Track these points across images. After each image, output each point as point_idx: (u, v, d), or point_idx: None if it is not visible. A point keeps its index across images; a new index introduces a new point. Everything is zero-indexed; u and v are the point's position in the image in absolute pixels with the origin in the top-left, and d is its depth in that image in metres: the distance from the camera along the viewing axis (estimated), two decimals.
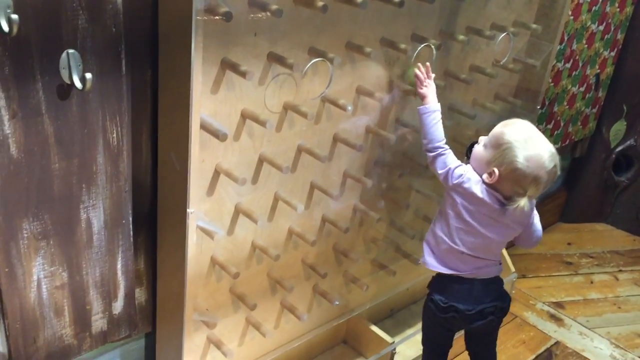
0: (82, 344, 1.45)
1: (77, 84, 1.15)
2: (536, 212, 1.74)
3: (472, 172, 1.66)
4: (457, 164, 1.68)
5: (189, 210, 1.41)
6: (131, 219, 1.41)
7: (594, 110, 3.02)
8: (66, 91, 1.18)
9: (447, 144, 1.70)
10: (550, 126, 2.76)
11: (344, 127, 1.74)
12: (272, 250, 1.66)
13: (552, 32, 2.20)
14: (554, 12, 2.19)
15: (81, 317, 1.42)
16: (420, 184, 2.08)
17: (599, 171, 3.27)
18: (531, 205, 1.63)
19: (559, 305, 2.76)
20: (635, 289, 2.93)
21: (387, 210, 2.07)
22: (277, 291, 1.83)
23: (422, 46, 1.76)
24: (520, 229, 1.70)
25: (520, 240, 1.76)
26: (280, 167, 1.53)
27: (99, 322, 1.46)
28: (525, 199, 1.57)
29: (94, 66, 1.19)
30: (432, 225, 1.77)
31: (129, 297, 1.49)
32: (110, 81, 1.23)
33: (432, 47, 1.77)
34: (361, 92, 1.72)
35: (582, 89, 2.82)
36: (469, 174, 1.65)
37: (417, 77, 1.75)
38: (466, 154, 1.73)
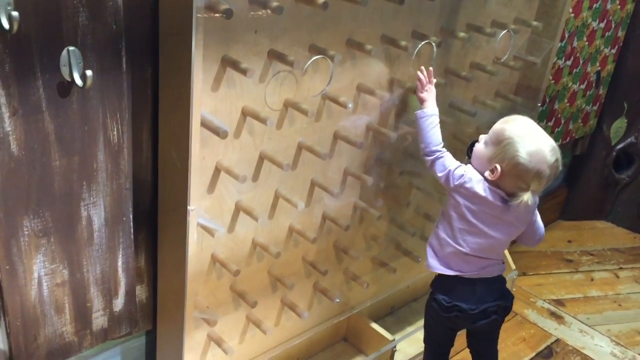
0: (82, 342, 1.45)
1: (78, 81, 1.15)
2: (537, 211, 1.74)
3: (473, 172, 1.65)
4: (457, 164, 1.67)
5: (189, 207, 1.41)
6: (132, 217, 1.41)
7: (595, 107, 3.01)
8: (67, 88, 1.18)
9: (444, 147, 1.70)
10: (550, 123, 2.76)
11: (344, 125, 1.73)
12: (272, 247, 1.66)
13: (552, 30, 2.20)
14: (554, 9, 2.18)
15: (82, 314, 1.42)
16: (420, 181, 2.08)
17: (599, 169, 3.27)
18: (534, 200, 1.62)
19: (560, 302, 2.76)
20: (635, 287, 2.93)
21: (388, 207, 2.07)
22: (278, 289, 1.84)
23: (422, 43, 1.75)
24: (523, 227, 1.70)
25: (523, 238, 1.76)
26: (280, 165, 1.53)
27: (99, 320, 1.46)
28: (528, 193, 1.56)
29: (94, 63, 1.19)
30: (435, 227, 1.77)
31: (130, 294, 1.49)
32: (110, 78, 1.23)
33: (433, 44, 1.77)
34: (362, 89, 1.72)
35: (583, 86, 2.82)
36: (470, 174, 1.64)
37: (418, 80, 1.74)
38: (467, 153, 1.73)
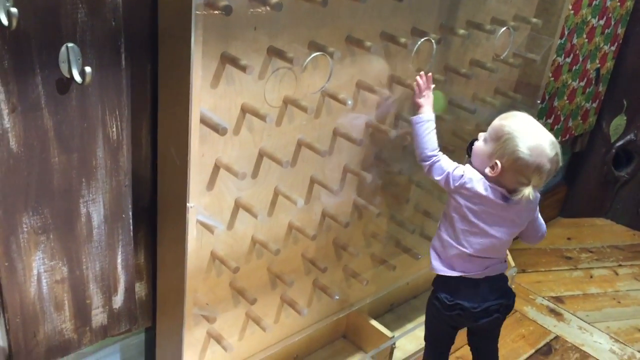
0: (82, 338, 1.45)
1: (77, 77, 1.15)
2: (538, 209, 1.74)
3: (472, 171, 1.65)
4: (454, 165, 1.67)
5: (189, 204, 1.41)
6: (131, 213, 1.41)
7: (594, 104, 3.01)
8: (66, 85, 1.18)
9: (440, 152, 1.70)
10: (550, 121, 2.76)
11: (344, 122, 1.73)
12: (272, 244, 1.66)
13: (552, 27, 2.20)
14: (554, 6, 2.18)
15: (81, 311, 1.42)
16: (420, 178, 2.08)
17: (599, 166, 3.27)
18: (536, 195, 1.62)
19: (559, 299, 2.76)
20: (634, 284, 2.93)
21: (387, 204, 2.06)
22: (277, 286, 1.84)
23: (422, 40, 1.75)
24: (524, 224, 1.70)
25: (525, 236, 1.76)
26: (280, 162, 1.53)
27: (99, 317, 1.46)
28: (529, 188, 1.56)
29: (93, 60, 1.19)
30: (437, 230, 1.76)
31: (129, 291, 1.49)
32: (109, 75, 1.23)
33: (432, 41, 1.77)
34: (361, 86, 1.71)
35: (583, 83, 2.82)
36: (469, 173, 1.64)
37: (417, 85, 1.74)
38: (467, 152, 1.73)
